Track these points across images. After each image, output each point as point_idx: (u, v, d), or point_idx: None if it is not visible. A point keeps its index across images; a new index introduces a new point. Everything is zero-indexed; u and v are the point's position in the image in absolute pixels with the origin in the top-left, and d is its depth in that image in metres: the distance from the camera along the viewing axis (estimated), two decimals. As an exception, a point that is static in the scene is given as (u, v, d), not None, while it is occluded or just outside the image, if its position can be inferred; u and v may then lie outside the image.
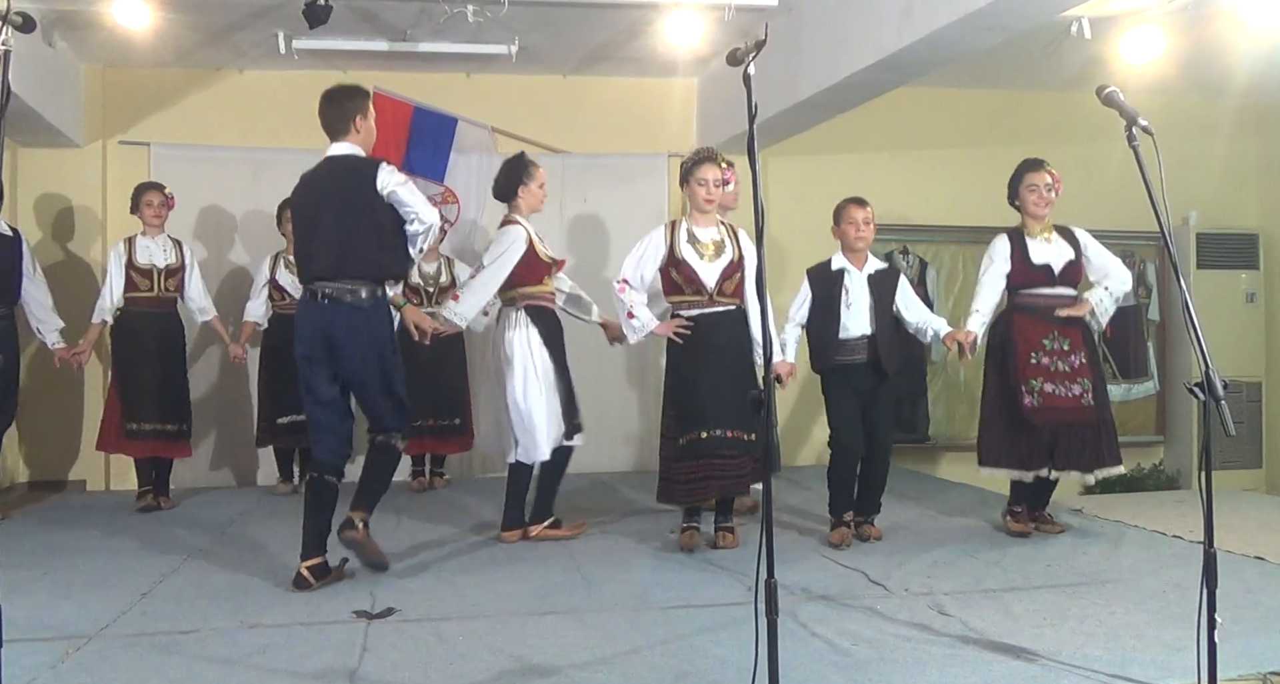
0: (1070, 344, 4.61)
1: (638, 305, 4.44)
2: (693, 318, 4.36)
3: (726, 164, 4.40)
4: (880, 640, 3.18)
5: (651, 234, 4.51)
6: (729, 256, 4.37)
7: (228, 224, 6.71)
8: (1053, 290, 4.64)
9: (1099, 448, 4.59)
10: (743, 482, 4.35)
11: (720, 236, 4.41)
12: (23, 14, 2.61)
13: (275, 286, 6.01)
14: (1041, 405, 4.56)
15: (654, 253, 4.42)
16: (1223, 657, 2.53)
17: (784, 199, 7.11)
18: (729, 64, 2.74)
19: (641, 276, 4.44)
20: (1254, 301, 7.82)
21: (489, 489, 6.33)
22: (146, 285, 5.57)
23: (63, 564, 4.33)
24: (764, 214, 2.60)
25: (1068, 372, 4.59)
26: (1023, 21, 4.43)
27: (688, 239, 4.38)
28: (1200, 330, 2.55)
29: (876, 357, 4.52)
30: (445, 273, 6.17)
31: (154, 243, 5.62)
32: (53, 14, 5.55)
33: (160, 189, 5.68)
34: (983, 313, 4.67)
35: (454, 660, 3.02)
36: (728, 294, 4.36)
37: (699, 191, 4.35)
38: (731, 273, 4.36)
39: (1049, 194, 4.63)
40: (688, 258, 4.34)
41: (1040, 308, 4.63)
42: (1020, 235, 4.69)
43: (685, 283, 4.36)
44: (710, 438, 4.23)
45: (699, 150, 4.43)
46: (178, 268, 5.66)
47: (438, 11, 5.54)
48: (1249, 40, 5.85)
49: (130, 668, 2.99)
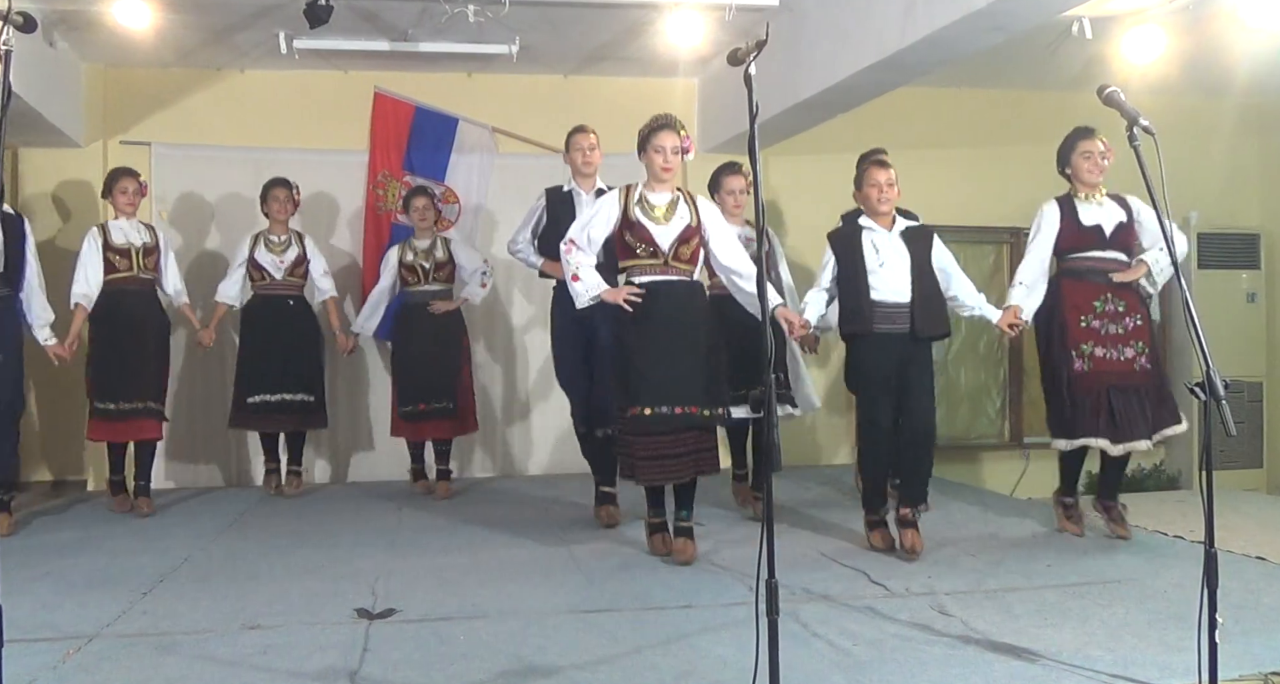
0: (1126, 306, 4.44)
1: (584, 267, 4.16)
2: (645, 285, 4.10)
3: (684, 132, 4.15)
4: (881, 640, 3.18)
5: (604, 198, 4.32)
6: (685, 222, 4.16)
7: (228, 224, 6.70)
8: (1104, 253, 4.47)
9: (1159, 411, 4.42)
10: (702, 460, 4.10)
11: (674, 200, 4.19)
12: (24, 14, 2.61)
13: (254, 265, 5.91)
14: (1091, 370, 4.41)
15: (605, 215, 4.19)
16: (1223, 657, 2.53)
17: (785, 199, 7.12)
18: (730, 64, 2.74)
19: (589, 237, 4.19)
20: (1255, 301, 7.82)
21: (489, 489, 6.36)
22: (125, 265, 5.46)
23: (63, 564, 4.33)
24: (765, 214, 2.60)
25: (1121, 334, 4.42)
26: (1024, 21, 4.42)
27: (639, 202, 4.16)
28: (1201, 330, 2.55)
29: (914, 324, 4.27)
30: (441, 249, 6.05)
31: (128, 224, 5.54)
32: (54, 14, 5.55)
33: (135, 176, 5.58)
34: (1027, 284, 4.50)
35: (455, 660, 3.02)
36: (684, 259, 4.14)
37: (655, 159, 4.12)
38: (689, 237, 4.14)
39: (1102, 161, 4.49)
40: (641, 219, 4.13)
41: (1092, 271, 4.47)
42: (1069, 199, 4.55)
43: (639, 243, 4.12)
44: (654, 415, 4.00)
45: (657, 116, 4.17)
46: (154, 247, 5.58)
47: (439, 11, 5.54)
48: (1250, 40, 5.85)
49: (130, 668, 2.99)
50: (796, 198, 7.09)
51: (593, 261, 4.22)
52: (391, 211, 6.76)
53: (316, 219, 6.72)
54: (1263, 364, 7.80)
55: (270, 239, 5.96)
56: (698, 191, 4.51)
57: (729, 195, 5.12)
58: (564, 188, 5.13)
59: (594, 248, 4.23)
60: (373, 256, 6.74)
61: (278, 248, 5.94)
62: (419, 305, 6.00)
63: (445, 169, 6.90)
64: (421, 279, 6.01)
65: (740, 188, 5.12)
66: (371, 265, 6.73)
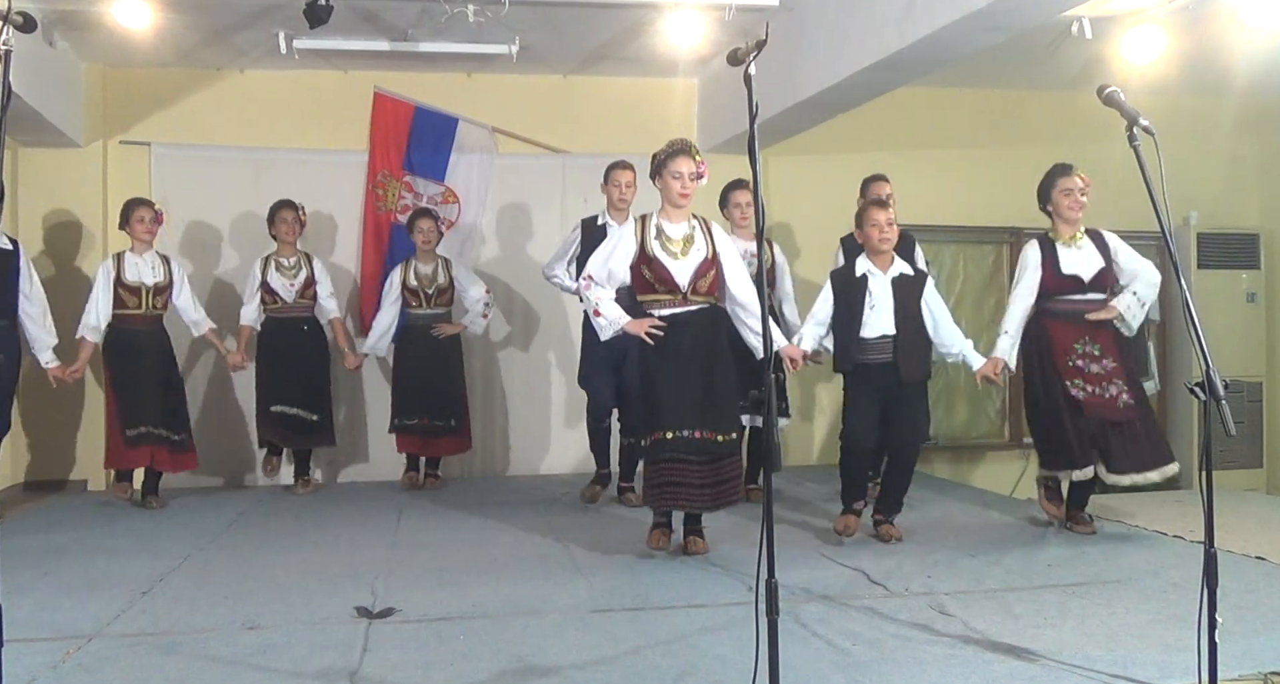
0: (1101, 349, 4.59)
1: (604, 302, 4.21)
2: (665, 317, 4.16)
3: (699, 157, 4.17)
4: (881, 640, 3.18)
5: (622, 230, 4.33)
6: (703, 254, 4.17)
7: (228, 224, 6.70)
8: (1083, 296, 4.62)
9: (1158, 446, 4.59)
10: (723, 492, 4.12)
11: (690, 232, 4.20)
12: (23, 14, 2.61)
13: (266, 290, 5.99)
14: (1086, 399, 4.56)
15: (624, 250, 4.21)
16: (1223, 657, 2.53)
17: (785, 199, 7.12)
18: (730, 64, 2.75)
19: (610, 272, 4.22)
20: (1254, 301, 7.82)
21: (488, 489, 6.35)
22: (135, 303, 5.56)
23: (63, 564, 4.33)
24: (765, 214, 2.60)
25: (1101, 374, 4.57)
26: (1023, 21, 4.42)
27: (656, 235, 4.17)
28: (1201, 330, 2.55)
29: (898, 360, 4.47)
30: (443, 274, 6.15)
31: (142, 260, 5.60)
32: (53, 14, 5.55)
33: (150, 205, 5.65)
34: (1012, 334, 4.65)
35: (455, 660, 3.02)
36: (702, 292, 4.18)
37: (673, 186, 4.12)
38: (705, 270, 4.16)
39: (1081, 198, 4.60)
40: (658, 255, 4.14)
41: (1070, 313, 4.62)
42: (1050, 243, 4.67)
43: (658, 281, 4.16)
44: (676, 439, 4.06)
45: (673, 142, 4.18)
46: (166, 285, 5.65)
47: (438, 11, 5.54)
48: (1249, 40, 5.85)
49: (130, 668, 2.99)
50: (796, 198, 7.09)
51: (612, 295, 4.26)
52: (391, 211, 6.76)
53: (316, 219, 6.70)
54: (1262, 364, 7.80)
55: (280, 262, 6.01)
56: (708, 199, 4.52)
57: (735, 209, 5.49)
58: (598, 220, 5.37)
59: (613, 282, 4.26)
60: (371, 256, 6.74)
61: (289, 271, 6.02)
62: (421, 328, 6.11)
63: (445, 169, 6.90)
64: (424, 303, 6.10)
65: (747, 201, 5.39)
66: (370, 265, 6.75)
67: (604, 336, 4.29)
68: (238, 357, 5.96)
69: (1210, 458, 2.55)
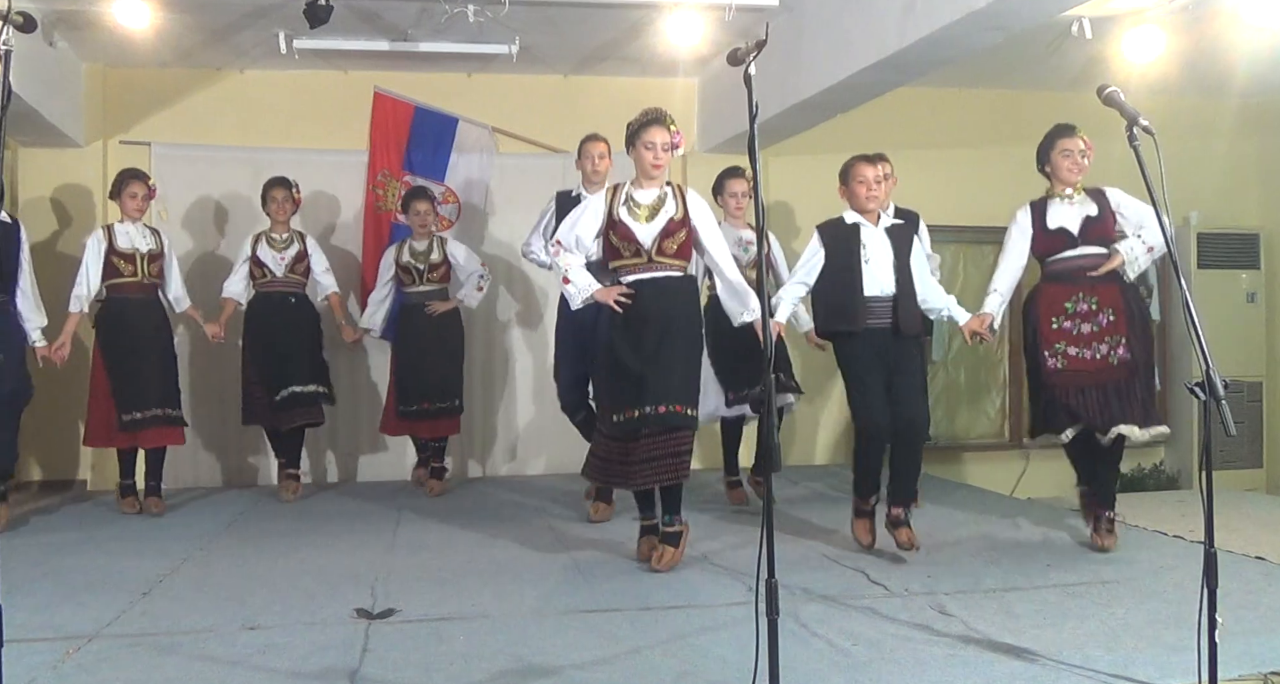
0: (1099, 302, 4.35)
1: (574, 269, 4.11)
2: (633, 283, 4.05)
3: (674, 127, 4.06)
4: (881, 640, 3.18)
5: (591, 198, 4.28)
6: (669, 215, 4.06)
7: (228, 224, 6.70)
8: (1078, 252, 4.37)
9: (1147, 403, 4.31)
10: (683, 463, 3.99)
11: (661, 197, 4.10)
12: (23, 14, 2.62)
13: (256, 263, 5.89)
14: (1065, 367, 4.37)
15: (592, 215, 4.14)
16: (1223, 657, 2.53)
17: (785, 199, 7.12)
18: (730, 64, 2.75)
19: (577, 238, 4.14)
20: (1255, 301, 7.82)
21: (487, 490, 6.35)
22: (130, 270, 5.45)
23: (63, 564, 4.33)
24: (765, 214, 2.60)
25: (1094, 332, 4.34)
26: (1023, 21, 4.42)
27: (625, 201, 4.10)
28: (1201, 330, 2.56)
29: (897, 319, 4.23)
30: (437, 250, 6.07)
31: (134, 228, 5.52)
32: (53, 14, 5.55)
33: (144, 180, 5.56)
34: (1000, 291, 4.46)
35: (455, 661, 3.02)
36: (669, 254, 4.05)
37: (645, 156, 4.03)
38: (673, 231, 4.04)
39: (1082, 160, 4.38)
40: (624, 218, 4.07)
41: (1069, 271, 4.40)
42: (1041, 201, 4.49)
43: (622, 242, 4.06)
44: (646, 415, 3.94)
45: (646, 110, 4.07)
46: (159, 253, 5.58)
47: (438, 11, 5.54)
48: (1249, 40, 5.85)
49: (130, 668, 2.99)
50: (796, 198, 7.09)
51: (582, 261, 4.17)
52: (391, 211, 6.76)
53: (316, 219, 6.72)
54: (1262, 364, 7.80)
55: (272, 237, 5.95)
56: (701, 193, 4.47)
57: (731, 198, 5.45)
58: (573, 192, 5.31)
59: (583, 248, 4.18)
60: (372, 256, 6.73)
61: (279, 245, 5.93)
62: (416, 306, 6.04)
63: (445, 169, 6.90)
64: (417, 280, 6.05)
65: (742, 190, 5.40)
66: (371, 265, 6.73)
67: (574, 305, 4.20)
68: (216, 327, 5.78)
69: (1210, 458, 2.55)
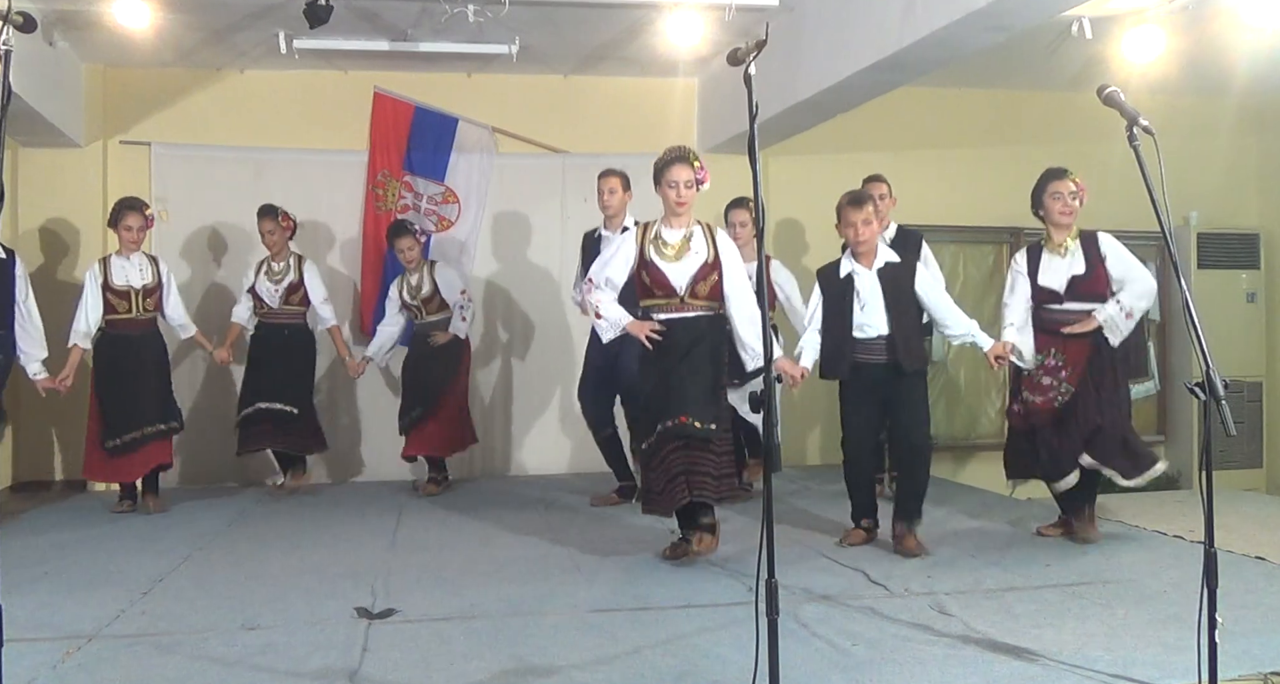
0: (1065, 359, 4.53)
1: (605, 304, 4.22)
2: (664, 321, 4.14)
3: (699, 164, 4.14)
4: (881, 640, 3.18)
5: (624, 237, 4.35)
6: (702, 257, 4.13)
7: (229, 224, 6.70)
8: (1061, 307, 4.53)
9: (1130, 452, 4.46)
10: (722, 484, 4.03)
11: (688, 236, 4.17)
12: (23, 14, 2.61)
13: (255, 295, 5.96)
14: (1024, 411, 4.63)
15: (624, 256, 4.22)
16: (1223, 657, 2.53)
17: (785, 199, 7.12)
18: (730, 64, 2.75)
19: (608, 279, 4.24)
20: (1254, 301, 7.82)
21: (487, 490, 6.35)
22: (125, 307, 5.48)
23: (63, 564, 4.33)
24: (764, 214, 2.60)
25: (1052, 384, 4.55)
26: (1023, 21, 4.42)
27: (653, 240, 4.19)
28: (1201, 330, 2.56)
29: (896, 357, 4.38)
30: (428, 281, 6.05)
31: (129, 263, 5.51)
32: (53, 14, 5.55)
33: (141, 211, 5.52)
34: (1016, 325, 4.59)
35: (454, 660, 3.02)
36: (701, 297, 4.13)
37: (669, 194, 4.13)
38: (705, 275, 4.12)
39: (1073, 202, 4.49)
40: (654, 259, 4.15)
41: (1049, 323, 4.56)
42: (1038, 250, 4.62)
43: (655, 285, 4.16)
44: (671, 427, 4.00)
45: (670, 149, 4.17)
46: (155, 287, 5.57)
47: (438, 11, 5.54)
48: (1249, 40, 5.85)
49: (130, 668, 3.00)
50: (796, 198, 7.08)
51: (613, 298, 4.25)
52: (391, 211, 6.76)
53: (316, 219, 6.72)
54: (1262, 364, 7.81)
55: (271, 266, 5.97)
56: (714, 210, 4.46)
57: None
58: (595, 233, 5.41)
59: (614, 288, 4.26)
60: (372, 257, 6.74)
61: (275, 275, 5.96)
62: (421, 336, 6.11)
63: (445, 169, 6.90)
64: (418, 315, 6.09)
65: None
66: (370, 265, 6.75)
67: (605, 338, 4.31)
68: (222, 352, 5.88)
69: (1210, 458, 2.56)
